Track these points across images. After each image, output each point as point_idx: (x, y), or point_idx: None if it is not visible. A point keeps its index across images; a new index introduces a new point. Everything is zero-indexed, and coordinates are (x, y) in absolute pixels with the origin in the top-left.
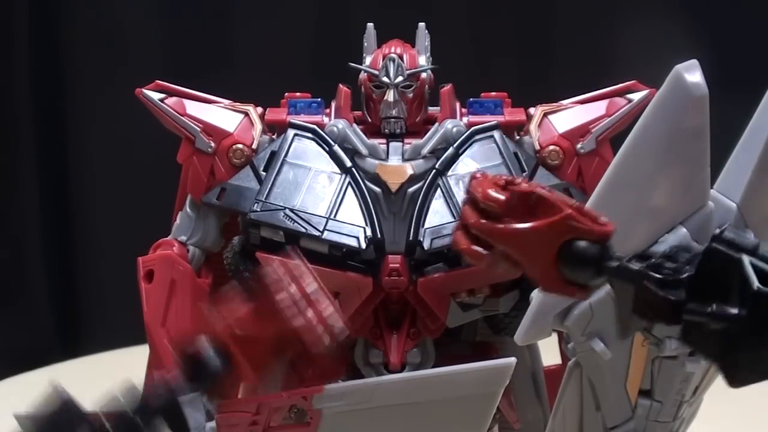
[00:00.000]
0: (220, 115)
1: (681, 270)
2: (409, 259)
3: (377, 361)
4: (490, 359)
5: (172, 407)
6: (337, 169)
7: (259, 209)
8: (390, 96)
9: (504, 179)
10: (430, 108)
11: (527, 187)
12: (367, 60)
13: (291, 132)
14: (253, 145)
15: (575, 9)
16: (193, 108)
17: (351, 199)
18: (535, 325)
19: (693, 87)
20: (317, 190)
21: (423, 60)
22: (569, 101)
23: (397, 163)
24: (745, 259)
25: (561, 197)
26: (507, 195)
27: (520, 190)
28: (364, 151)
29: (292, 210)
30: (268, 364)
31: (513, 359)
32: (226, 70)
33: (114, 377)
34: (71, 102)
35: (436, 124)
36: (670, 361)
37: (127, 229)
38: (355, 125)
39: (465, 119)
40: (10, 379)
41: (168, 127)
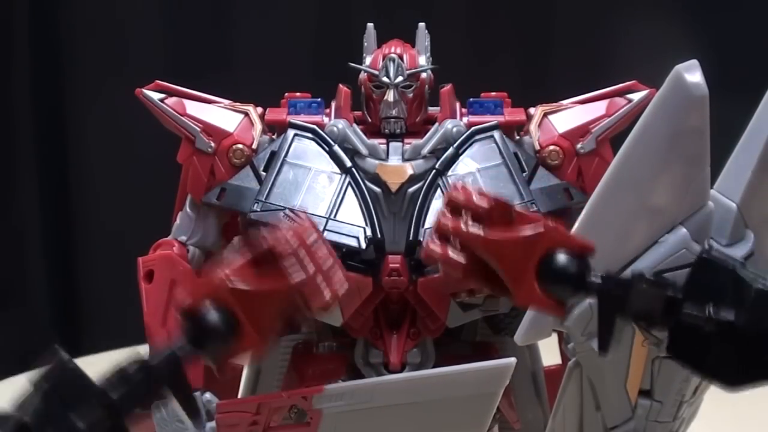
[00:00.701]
0: (220, 115)
1: (671, 281)
2: (409, 259)
3: (377, 361)
4: (490, 359)
5: (175, 370)
6: (337, 169)
7: (259, 209)
8: (390, 96)
9: (484, 191)
10: (430, 108)
11: (507, 201)
12: (367, 60)
13: (291, 132)
14: (253, 145)
15: (575, 9)
16: (193, 108)
17: (351, 199)
18: (535, 325)
19: (693, 87)
20: (317, 190)
21: (423, 60)
22: (569, 101)
23: (397, 163)
24: (738, 265)
25: (542, 217)
26: (491, 201)
27: (502, 200)
28: (364, 151)
29: (292, 210)
30: (271, 324)
31: (513, 359)
32: (226, 70)
33: None
34: (71, 102)
35: (436, 124)
36: (670, 361)
37: (127, 229)
38: (355, 125)
39: (465, 119)
40: (10, 379)
41: (168, 127)
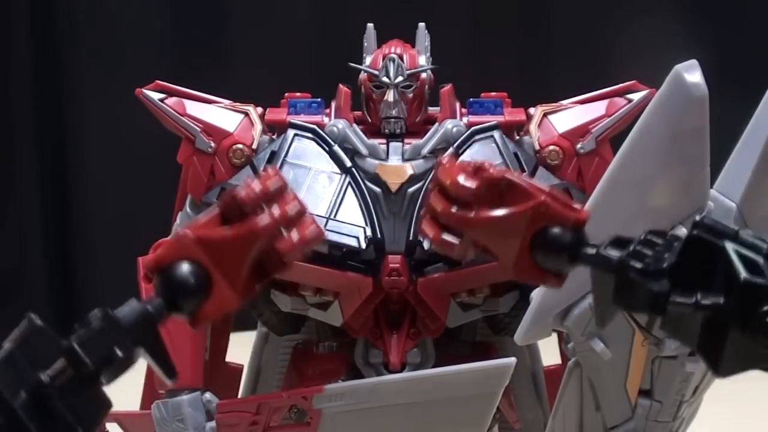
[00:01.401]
0: (220, 115)
1: (661, 258)
2: (409, 259)
3: (377, 361)
4: (490, 359)
5: (150, 329)
6: (337, 169)
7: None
8: (390, 96)
9: (473, 165)
10: (430, 108)
11: (497, 172)
12: (367, 60)
13: (291, 132)
14: (253, 145)
15: (575, 9)
16: (193, 108)
17: (351, 199)
18: (535, 325)
19: (693, 87)
20: (317, 190)
21: (423, 60)
22: (569, 101)
23: (397, 163)
24: (728, 247)
25: (534, 184)
26: (477, 182)
27: (490, 176)
28: (364, 151)
29: None
30: (241, 273)
31: (513, 359)
32: (226, 70)
33: None
34: (71, 102)
35: (436, 124)
36: (670, 361)
37: (127, 229)
38: (355, 125)
39: (465, 119)
40: None
41: (168, 127)
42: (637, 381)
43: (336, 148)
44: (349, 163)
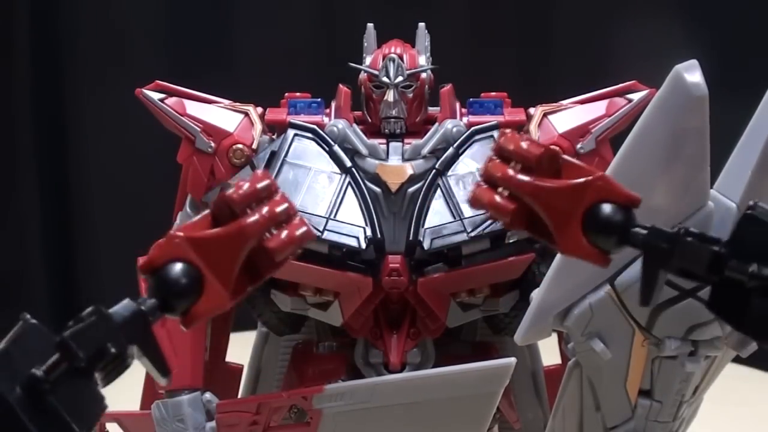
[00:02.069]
0: (220, 115)
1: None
2: (409, 259)
3: (377, 361)
4: (490, 359)
5: (143, 327)
6: (337, 169)
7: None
8: (390, 96)
9: (531, 138)
10: (430, 108)
11: (556, 149)
12: (367, 60)
13: (291, 132)
14: (253, 145)
15: (575, 9)
16: (193, 108)
17: (351, 199)
18: (535, 325)
19: (693, 87)
20: (317, 190)
21: (423, 60)
22: (569, 101)
23: (397, 163)
24: None
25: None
26: (541, 150)
27: (553, 149)
28: (364, 151)
29: None
30: (231, 271)
31: (513, 359)
32: (226, 70)
33: None
34: (71, 102)
35: (436, 124)
36: (670, 361)
37: (127, 229)
38: (355, 125)
39: (465, 119)
40: None
41: (168, 127)
42: (637, 381)
43: (336, 148)
44: (349, 163)
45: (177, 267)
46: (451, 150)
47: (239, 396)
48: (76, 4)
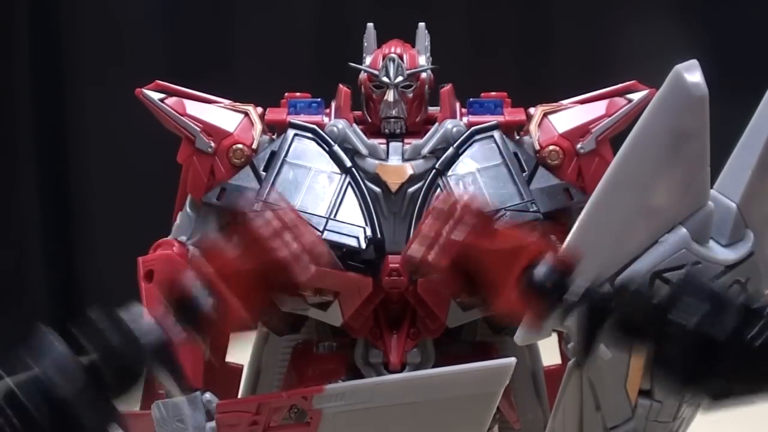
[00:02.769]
0: (220, 115)
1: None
2: None
3: (377, 361)
4: (490, 359)
5: (166, 348)
6: (337, 169)
7: (259, 209)
8: (390, 96)
9: (470, 202)
10: (430, 108)
11: (490, 216)
12: (367, 60)
13: (291, 132)
14: (253, 145)
15: (575, 9)
16: (193, 108)
17: (351, 199)
18: None
19: (693, 87)
20: (317, 190)
21: (423, 60)
22: (569, 101)
23: (397, 163)
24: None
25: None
26: (476, 214)
27: (487, 215)
28: (364, 151)
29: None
30: (256, 301)
31: (513, 359)
32: (226, 70)
33: None
34: (71, 102)
35: (436, 124)
36: None
37: (127, 229)
38: (355, 125)
39: (465, 119)
40: None
41: (168, 127)
42: (637, 381)
43: (336, 148)
44: (349, 163)
45: (201, 292)
46: (451, 150)
47: (239, 396)
48: (76, 3)
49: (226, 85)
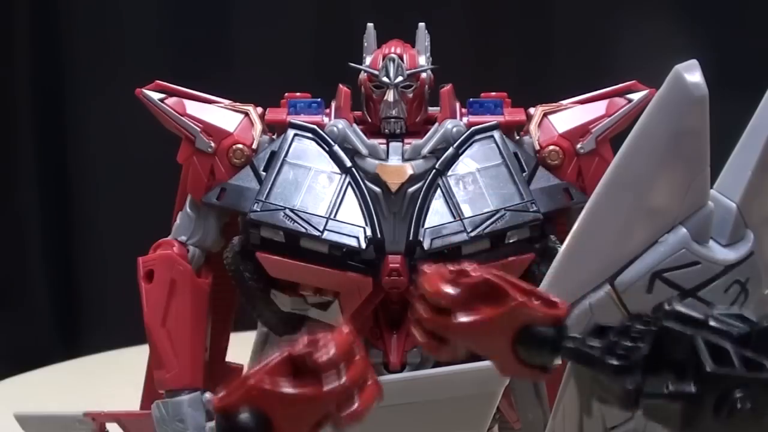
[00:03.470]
0: (220, 115)
1: (636, 350)
2: (409, 259)
3: (377, 361)
4: None
5: None
6: (337, 169)
7: (259, 209)
8: (390, 96)
9: (454, 271)
10: (430, 108)
11: (477, 276)
12: (367, 60)
13: (291, 132)
14: (253, 145)
15: (575, 9)
16: (193, 108)
17: (351, 199)
18: None
19: (693, 87)
20: (317, 190)
21: (423, 60)
22: (569, 101)
23: (397, 163)
24: (697, 336)
25: (514, 282)
26: (458, 289)
27: (470, 281)
28: (364, 151)
29: (292, 210)
30: (302, 428)
31: None
32: (226, 70)
33: (114, 377)
34: (71, 102)
35: (436, 124)
36: None
37: (127, 229)
38: (355, 125)
39: (465, 119)
40: (10, 379)
41: (168, 127)
42: None
43: (336, 148)
44: (349, 163)
45: (249, 415)
46: (451, 150)
47: None
48: (76, 3)
49: (226, 85)
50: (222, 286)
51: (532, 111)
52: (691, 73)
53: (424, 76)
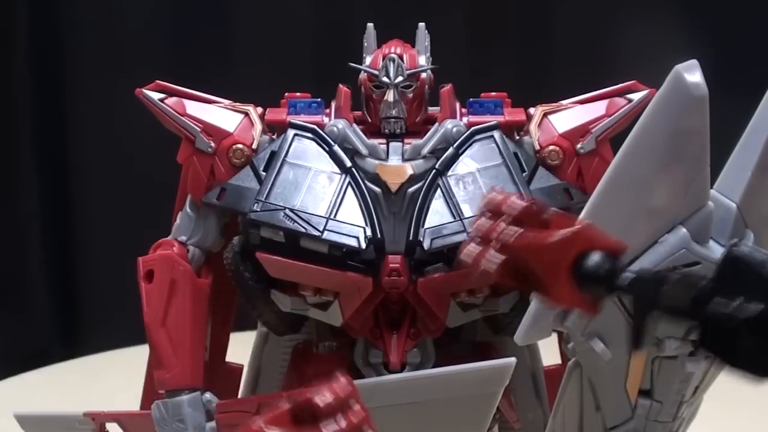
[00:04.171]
0: (220, 115)
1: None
2: (409, 259)
3: (377, 361)
4: (490, 359)
5: None
6: (337, 169)
7: (259, 209)
8: (390, 96)
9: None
10: (430, 108)
11: (542, 205)
12: (367, 60)
13: (291, 132)
14: (253, 145)
15: (575, 9)
16: (193, 108)
17: (351, 199)
18: (535, 325)
19: (693, 87)
20: (317, 190)
21: (423, 60)
22: (569, 101)
23: (397, 163)
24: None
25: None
26: (526, 205)
27: (537, 204)
28: (364, 151)
29: (292, 210)
30: None
31: (513, 359)
32: (226, 70)
33: (114, 377)
34: (71, 102)
35: (436, 124)
36: (670, 361)
37: (127, 229)
38: (355, 125)
39: (465, 119)
40: (10, 379)
41: (168, 127)
42: (637, 381)
43: (336, 148)
44: (349, 163)
45: None
46: (451, 150)
47: (239, 396)
48: (76, 4)
49: (226, 85)
50: (222, 286)
51: (532, 111)
52: (691, 73)
53: (424, 76)
